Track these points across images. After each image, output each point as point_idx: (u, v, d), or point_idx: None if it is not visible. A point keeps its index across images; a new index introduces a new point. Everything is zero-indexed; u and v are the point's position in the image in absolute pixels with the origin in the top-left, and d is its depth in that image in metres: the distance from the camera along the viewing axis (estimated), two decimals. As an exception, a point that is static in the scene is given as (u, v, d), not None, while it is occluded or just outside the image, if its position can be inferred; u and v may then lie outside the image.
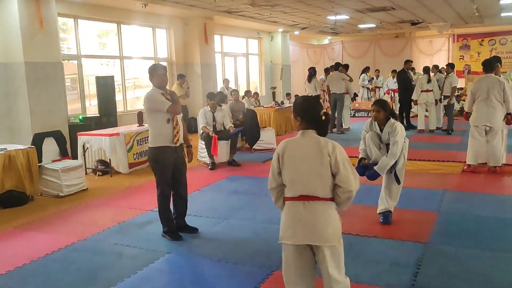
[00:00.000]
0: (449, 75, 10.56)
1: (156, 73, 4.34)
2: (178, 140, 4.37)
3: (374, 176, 4.33)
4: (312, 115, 2.54)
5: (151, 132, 4.38)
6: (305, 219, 2.44)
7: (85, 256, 4.07)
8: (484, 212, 4.87)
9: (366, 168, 4.37)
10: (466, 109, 6.79)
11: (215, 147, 7.39)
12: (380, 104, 4.36)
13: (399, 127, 4.29)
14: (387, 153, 4.32)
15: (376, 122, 4.43)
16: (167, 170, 4.38)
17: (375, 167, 4.29)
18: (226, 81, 12.74)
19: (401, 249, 3.96)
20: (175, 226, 4.53)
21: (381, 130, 4.39)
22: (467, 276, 3.41)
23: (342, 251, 2.55)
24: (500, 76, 6.66)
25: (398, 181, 4.47)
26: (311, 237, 2.43)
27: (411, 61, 11.99)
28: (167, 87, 4.51)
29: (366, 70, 15.80)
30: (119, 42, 10.90)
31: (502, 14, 14.33)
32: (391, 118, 4.33)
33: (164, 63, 12.35)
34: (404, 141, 4.44)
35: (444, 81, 10.47)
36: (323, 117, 2.53)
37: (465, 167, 6.81)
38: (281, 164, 2.53)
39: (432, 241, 4.09)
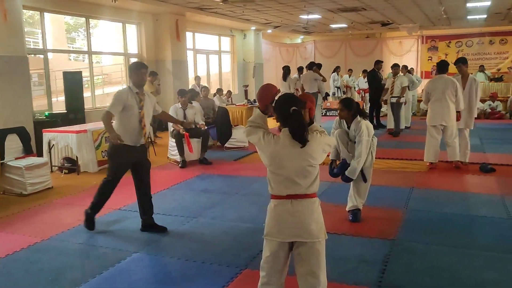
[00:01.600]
0: (398, 75, 10.47)
1: (138, 70, 4.28)
2: (140, 141, 4.38)
3: (348, 180, 4.42)
4: (281, 112, 2.52)
5: (116, 129, 4.29)
6: (293, 216, 2.45)
7: (48, 256, 3.94)
8: (450, 209, 4.98)
9: (340, 171, 4.44)
10: (423, 107, 7.06)
11: (189, 145, 7.32)
12: (344, 103, 4.38)
13: (364, 126, 4.31)
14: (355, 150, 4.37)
15: (343, 120, 4.48)
16: (124, 169, 4.41)
17: (346, 172, 4.36)
18: (197, 78, 12.61)
19: (369, 246, 4.00)
20: (144, 224, 4.52)
21: (349, 127, 4.44)
22: (433, 272, 3.47)
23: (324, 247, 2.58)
24: (469, 75, 6.98)
25: (365, 179, 4.52)
26: (300, 234, 2.45)
27: (382, 62, 12.16)
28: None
29: (336, 69, 15.98)
30: (88, 37, 10.65)
31: (469, 17, 14.73)
32: (358, 116, 4.36)
33: (135, 59, 12.15)
34: (372, 140, 4.49)
35: (394, 81, 10.39)
36: (291, 113, 2.43)
37: (428, 165, 7.02)
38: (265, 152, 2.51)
39: (399, 238, 4.15)
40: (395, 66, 10.66)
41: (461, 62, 7.06)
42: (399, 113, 10.52)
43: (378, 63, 11.67)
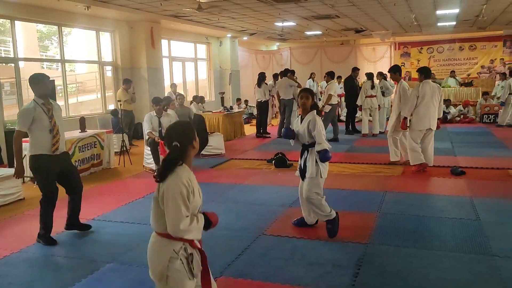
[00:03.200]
0: (329, 83, 10.59)
1: (41, 82, 4.38)
2: (57, 149, 4.45)
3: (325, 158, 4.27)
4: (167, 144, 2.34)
5: (30, 141, 4.43)
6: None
7: (18, 269, 3.86)
8: (421, 212, 5.09)
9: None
10: (406, 114, 7.00)
11: (164, 151, 7.27)
12: (310, 91, 4.45)
13: (319, 119, 4.31)
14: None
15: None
16: (51, 179, 4.48)
17: (318, 149, 4.22)
18: (173, 86, 12.56)
19: (342, 250, 4.06)
20: (68, 223, 4.76)
21: (302, 119, 4.39)
22: (404, 274, 3.54)
23: None
24: (401, 82, 7.40)
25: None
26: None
27: (358, 69, 12.41)
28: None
29: (312, 75, 16.20)
30: (60, 45, 10.49)
31: (439, 24, 15.13)
32: (313, 111, 4.36)
33: (109, 67, 12.04)
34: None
35: (327, 89, 10.49)
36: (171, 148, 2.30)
37: (414, 169, 7.11)
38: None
39: (372, 242, 4.22)
40: (328, 74, 10.76)
41: (393, 70, 7.40)
42: (330, 119, 10.55)
43: (355, 70, 11.90)
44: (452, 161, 7.72)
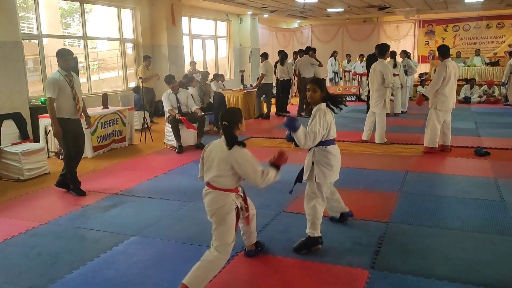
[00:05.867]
0: (262, 63, 11.12)
1: (65, 57, 5.08)
2: (80, 114, 5.24)
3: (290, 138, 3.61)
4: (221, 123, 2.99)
5: (56, 106, 5.07)
6: None
7: (46, 240, 3.98)
8: (443, 192, 5.04)
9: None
10: (429, 93, 6.82)
11: (189, 125, 7.34)
12: (317, 83, 3.65)
13: (321, 113, 3.51)
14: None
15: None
16: (71, 138, 5.20)
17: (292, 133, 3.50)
18: (193, 63, 12.54)
19: (364, 229, 4.06)
20: (59, 181, 5.38)
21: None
22: (425, 253, 3.53)
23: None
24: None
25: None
26: None
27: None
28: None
29: (334, 54, 15.95)
30: (83, 22, 10.55)
31: (466, 1, 14.66)
32: (322, 103, 3.58)
33: (130, 45, 12.08)
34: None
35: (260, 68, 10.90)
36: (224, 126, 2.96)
37: (424, 149, 6.99)
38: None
39: (393, 221, 4.21)
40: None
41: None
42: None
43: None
44: (476, 141, 7.58)
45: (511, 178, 5.51)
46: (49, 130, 7.25)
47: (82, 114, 5.45)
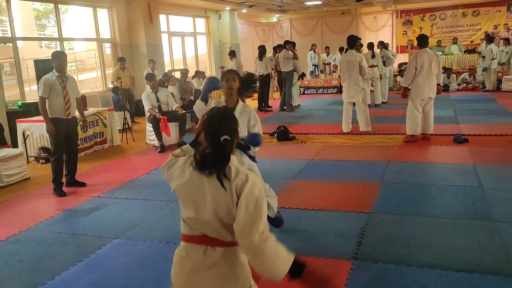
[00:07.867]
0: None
1: (59, 59, 5.31)
2: (70, 113, 5.38)
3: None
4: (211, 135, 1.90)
5: (48, 106, 5.28)
6: None
7: (27, 246, 3.93)
8: (424, 180, 5.11)
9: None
10: (405, 84, 7.01)
11: (165, 127, 7.28)
12: (236, 72, 3.56)
13: (252, 108, 3.66)
14: None
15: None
16: (61, 139, 5.37)
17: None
18: (151, 62, 11.13)
19: (346, 220, 4.10)
20: (67, 181, 5.56)
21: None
22: (407, 242, 3.58)
23: None
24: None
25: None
26: None
27: (360, 39, 12.19)
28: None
29: (313, 47, 16.01)
30: (58, 23, 10.37)
31: (441, -10, 14.83)
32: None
33: (108, 45, 11.93)
34: None
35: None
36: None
37: (404, 138, 7.11)
38: None
39: (375, 211, 4.26)
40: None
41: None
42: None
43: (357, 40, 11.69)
44: (455, 129, 7.70)
45: (488, 164, 5.62)
46: (27, 135, 7.14)
47: (79, 115, 5.73)
